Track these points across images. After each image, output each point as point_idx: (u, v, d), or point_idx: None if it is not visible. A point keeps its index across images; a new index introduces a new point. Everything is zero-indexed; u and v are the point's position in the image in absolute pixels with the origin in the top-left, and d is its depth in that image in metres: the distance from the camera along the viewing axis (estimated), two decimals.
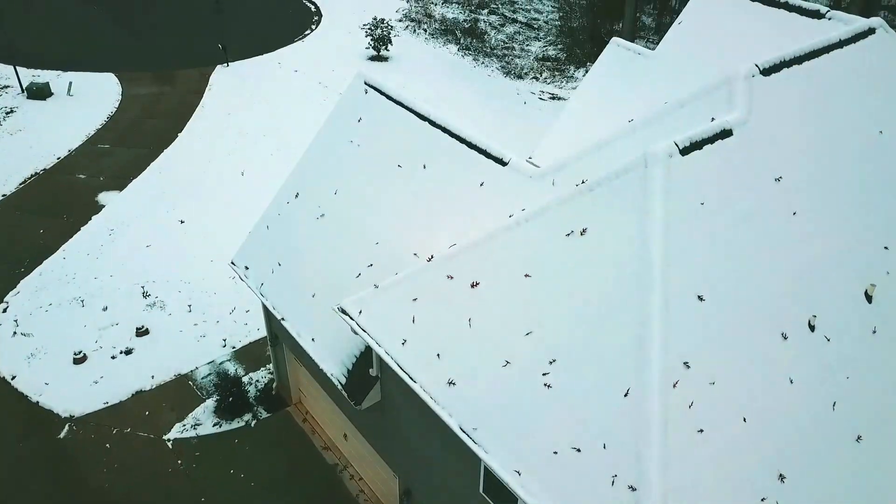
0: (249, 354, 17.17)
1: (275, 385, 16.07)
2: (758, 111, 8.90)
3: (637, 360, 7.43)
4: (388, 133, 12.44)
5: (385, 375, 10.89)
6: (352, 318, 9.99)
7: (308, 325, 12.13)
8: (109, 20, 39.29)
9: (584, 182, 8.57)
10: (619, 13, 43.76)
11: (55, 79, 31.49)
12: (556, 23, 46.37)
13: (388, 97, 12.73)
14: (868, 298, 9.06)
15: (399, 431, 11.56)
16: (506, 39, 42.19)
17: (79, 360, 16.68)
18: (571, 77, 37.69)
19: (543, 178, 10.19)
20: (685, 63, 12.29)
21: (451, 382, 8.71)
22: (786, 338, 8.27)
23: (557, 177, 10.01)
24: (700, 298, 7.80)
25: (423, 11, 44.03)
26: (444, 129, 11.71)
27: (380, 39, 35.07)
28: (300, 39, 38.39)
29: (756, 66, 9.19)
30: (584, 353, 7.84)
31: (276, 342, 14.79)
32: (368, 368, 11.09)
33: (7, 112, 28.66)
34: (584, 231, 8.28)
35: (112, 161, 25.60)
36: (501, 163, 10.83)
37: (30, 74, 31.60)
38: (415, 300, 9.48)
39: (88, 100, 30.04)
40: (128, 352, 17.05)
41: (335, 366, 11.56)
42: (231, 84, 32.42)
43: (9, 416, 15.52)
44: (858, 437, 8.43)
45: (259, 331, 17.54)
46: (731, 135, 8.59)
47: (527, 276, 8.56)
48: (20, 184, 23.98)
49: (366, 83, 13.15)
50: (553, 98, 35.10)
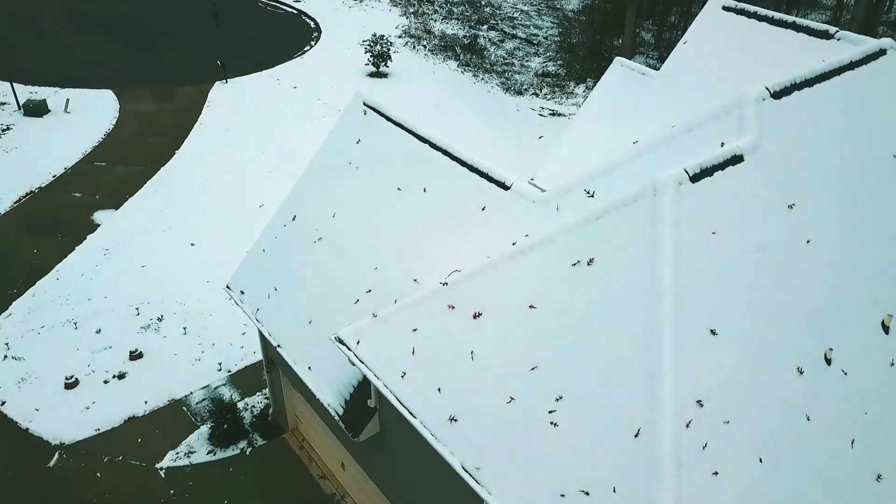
0: (245, 378, 16.79)
1: (271, 411, 15.68)
2: (769, 136, 8.63)
3: (648, 399, 7.09)
4: (388, 155, 12.17)
5: (384, 407, 10.52)
6: (349, 349, 9.65)
7: (304, 353, 11.78)
8: (108, 36, 39.22)
9: (591, 209, 8.27)
10: (619, 29, 43.77)
11: (52, 95, 31.31)
12: (556, 38, 46.39)
13: (388, 118, 12.47)
14: (885, 329, 8.74)
15: (398, 464, 11.18)
16: (505, 55, 42.15)
17: (70, 385, 16.29)
18: (571, 93, 37.58)
19: (547, 203, 9.88)
20: (690, 84, 12.04)
21: (453, 419, 8.35)
22: (801, 372, 7.94)
23: (562, 202, 9.71)
24: (713, 333, 7.47)
25: (423, 27, 44.03)
26: (445, 152, 11.43)
27: (379, 56, 34.97)
28: (299, 56, 38.30)
29: (766, 89, 8.93)
30: (593, 391, 7.50)
31: (273, 368, 14.42)
32: (367, 399, 10.73)
33: (3, 129, 28.44)
34: (591, 261, 7.96)
35: (108, 179, 25.33)
36: (504, 187, 10.54)
37: (27, 91, 31.42)
38: (415, 331, 9.14)
39: (86, 116, 29.83)
40: (121, 376, 16.66)
41: (332, 396, 11.19)
42: (230, 101, 32.25)
43: None
44: (879, 476, 8.07)
45: (255, 354, 17.18)
46: (742, 160, 8.31)
47: (531, 308, 8.23)
48: (14, 202, 23.69)
49: (365, 104, 12.90)
50: (553, 114, 34.96)
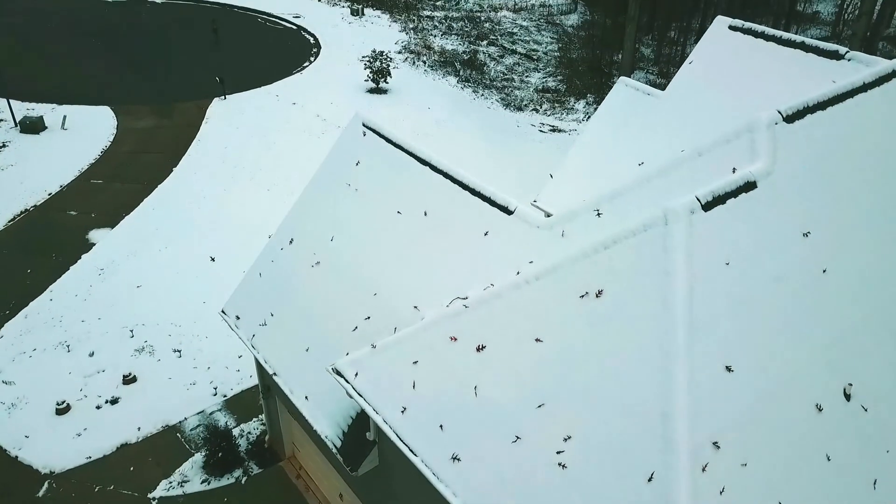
0: (241, 403, 16.40)
1: (267, 438, 15.27)
2: (782, 161, 8.32)
3: (662, 440, 6.73)
4: (387, 177, 11.88)
5: (383, 441, 10.14)
6: (347, 381, 9.29)
7: (301, 382, 11.42)
8: (107, 53, 39.13)
9: (599, 238, 7.95)
10: (618, 44, 43.77)
11: (50, 112, 31.12)
12: (556, 54, 46.38)
13: (387, 140, 12.21)
14: None
15: (398, 499, 10.77)
16: (505, 71, 42.08)
17: (62, 411, 15.88)
18: (571, 109, 37.45)
19: (552, 229, 9.56)
20: (697, 105, 11.77)
21: (456, 458, 7.98)
22: (821, 410, 7.58)
23: (567, 228, 9.38)
24: (728, 369, 7.12)
25: (423, 43, 44.00)
26: (446, 175, 11.14)
27: (379, 72, 34.84)
28: (298, 72, 38.19)
29: (779, 113, 8.64)
30: (603, 430, 7.13)
31: (269, 394, 14.04)
32: (365, 431, 10.36)
33: None
34: (600, 293, 7.63)
35: (105, 197, 25.04)
36: (507, 211, 10.23)
37: (24, 108, 31.22)
38: (415, 363, 8.79)
39: (83, 133, 29.61)
40: (114, 401, 16.26)
41: (330, 427, 10.82)
42: (228, 117, 32.06)
43: None
44: None
45: (252, 378, 16.79)
46: (756, 187, 8.00)
47: (538, 341, 7.89)
48: (9, 221, 23.37)
49: (364, 125, 12.63)
50: (553, 130, 34.79)
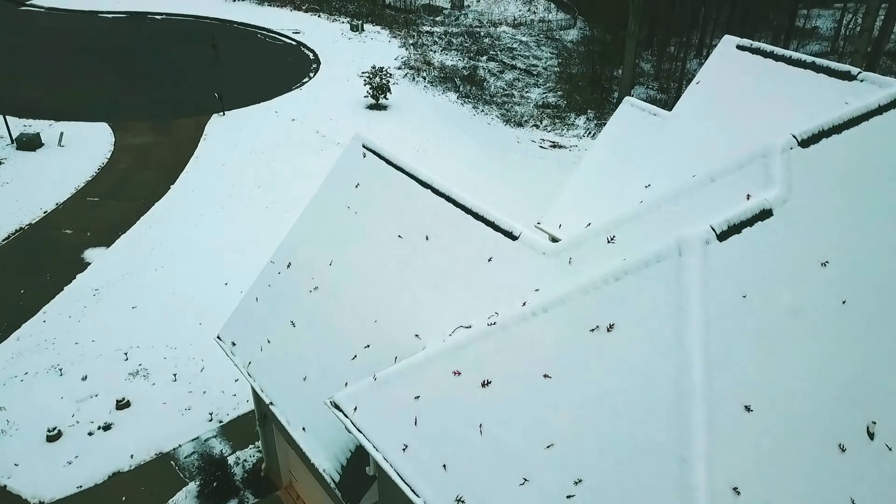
0: (237, 430, 15.97)
1: (263, 466, 14.84)
2: (798, 187, 8.02)
3: (679, 486, 6.36)
4: (388, 200, 11.58)
5: (384, 476, 9.73)
6: (346, 416, 8.92)
7: (298, 412, 11.03)
8: (106, 69, 39.00)
9: (609, 268, 7.62)
10: (618, 59, 43.72)
11: (47, 129, 30.88)
12: (556, 69, 46.33)
13: (388, 161, 11.93)
14: None
15: None
16: (505, 86, 41.98)
17: (53, 438, 15.45)
18: (572, 124, 37.30)
19: (558, 256, 9.23)
20: (705, 126, 11.49)
21: (461, 500, 7.59)
22: (843, 450, 7.22)
23: (574, 255, 9.06)
24: (747, 409, 6.77)
25: (423, 59, 43.92)
26: (448, 198, 10.82)
27: (379, 88, 34.68)
28: (298, 88, 38.03)
29: (793, 137, 8.36)
30: (616, 474, 6.76)
31: (265, 422, 13.64)
32: (365, 465, 9.95)
33: None
34: (612, 327, 7.29)
35: (100, 215, 24.72)
36: (511, 236, 9.90)
37: (21, 124, 30.97)
38: (417, 398, 8.43)
39: (80, 150, 29.36)
40: (106, 427, 15.84)
41: (328, 460, 10.43)
42: (226, 134, 31.83)
43: None
44: None
45: (248, 403, 16.38)
46: (771, 215, 7.69)
47: (546, 377, 7.53)
48: (3, 240, 23.03)
49: (364, 146, 12.36)
50: (554, 146, 34.59)
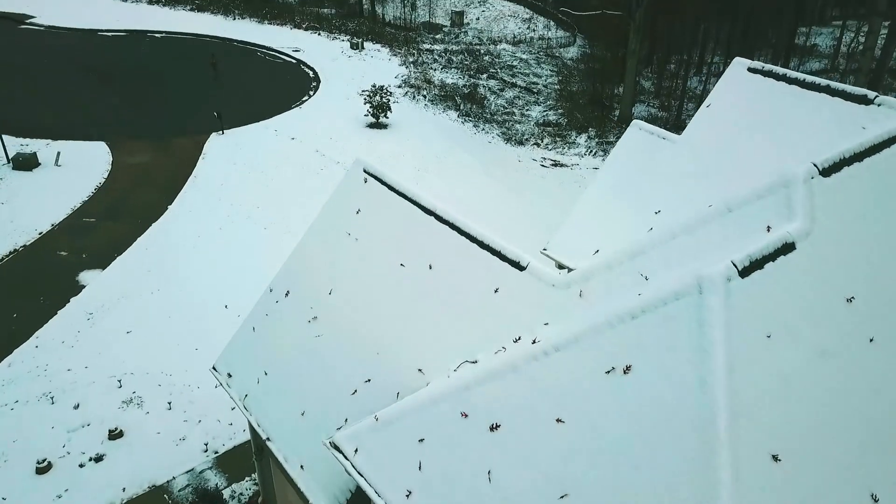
0: (233, 461, 15.47)
1: (260, 500, 14.34)
2: (821, 219, 7.66)
3: None
4: (390, 227, 11.20)
5: None
6: (346, 458, 8.47)
7: (296, 449, 10.57)
8: (104, 87, 38.83)
9: (624, 305, 7.24)
10: (618, 77, 43.66)
11: (44, 148, 30.60)
12: (556, 87, 46.24)
13: (390, 187, 11.55)
14: None
15: None
16: (505, 104, 41.83)
17: (42, 470, 14.94)
18: (573, 143, 37.06)
19: (568, 289, 8.83)
20: (716, 152, 11.15)
21: None
22: (876, 500, 6.79)
23: (585, 288, 8.67)
24: (775, 459, 6.35)
25: (423, 77, 43.81)
26: (452, 226, 10.45)
27: (379, 107, 34.48)
28: (297, 106, 37.85)
29: (814, 166, 8.01)
30: None
31: (262, 455, 13.16)
32: None
33: None
34: (629, 369, 6.88)
35: (96, 236, 24.34)
36: (518, 267, 9.51)
37: (18, 143, 30.70)
38: (421, 441, 7.99)
39: (77, 170, 29.05)
40: (98, 458, 15.33)
41: (326, 500, 9.95)
42: (225, 153, 31.56)
43: None
44: None
45: (245, 432, 15.89)
46: (794, 249, 7.32)
47: (559, 422, 7.11)
48: None
49: (365, 171, 11.99)
50: (555, 165, 34.32)
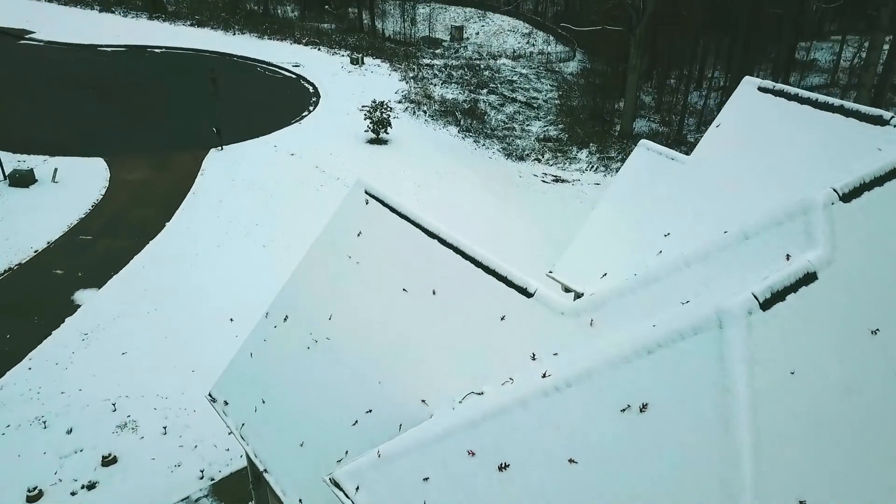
0: (229, 489, 15.04)
1: None
2: (842, 247, 7.35)
3: None
4: (392, 250, 10.89)
5: None
6: (347, 496, 8.10)
7: (295, 482, 10.21)
8: (103, 103, 38.67)
9: (640, 338, 6.91)
10: (618, 92, 43.57)
11: (41, 164, 30.34)
12: (556, 102, 46.16)
13: (392, 209, 11.25)
14: None
15: None
16: (506, 119, 41.70)
17: (33, 498, 14.52)
18: (574, 158, 36.88)
19: (578, 317, 8.51)
20: (727, 174, 10.87)
21: None
22: None
23: (596, 317, 8.35)
24: None
25: (423, 93, 43.70)
26: (457, 250, 10.14)
27: (379, 122, 34.29)
28: (297, 121, 37.67)
29: (834, 192, 7.71)
30: None
31: (259, 484, 12.76)
32: None
33: None
34: (645, 407, 6.54)
35: (93, 254, 24.01)
36: (526, 293, 9.19)
37: (15, 160, 30.45)
38: (426, 480, 7.63)
39: (74, 186, 28.77)
40: (91, 486, 14.91)
41: None
42: (224, 168, 31.31)
43: None
44: None
45: (242, 458, 15.47)
46: (816, 279, 7.00)
47: (572, 462, 6.76)
48: None
49: (366, 192, 11.70)
50: (556, 180, 34.11)
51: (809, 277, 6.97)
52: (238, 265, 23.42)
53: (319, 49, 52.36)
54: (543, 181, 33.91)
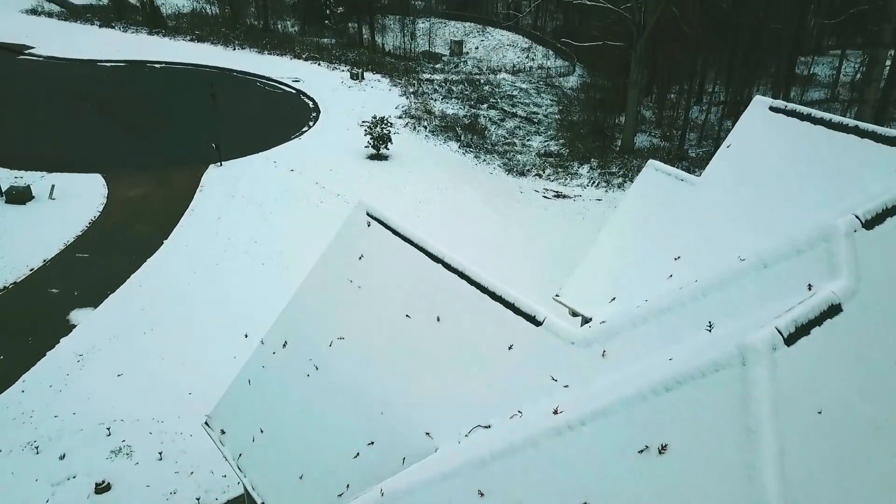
0: None
1: None
2: (867, 276, 7.05)
3: None
4: (395, 275, 10.57)
5: None
6: None
7: None
8: (102, 118, 38.50)
9: (657, 373, 6.58)
10: (619, 106, 43.46)
11: (39, 180, 30.07)
12: (556, 116, 46.04)
13: (395, 232, 10.94)
14: None
15: None
16: (506, 135, 41.55)
17: None
18: (575, 173, 36.65)
19: (590, 348, 8.19)
20: (739, 196, 10.60)
21: None
22: None
23: (609, 347, 8.03)
24: None
25: (423, 108, 43.57)
26: (462, 275, 9.82)
27: (379, 138, 34.09)
28: (297, 137, 37.49)
29: (856, 218, 7.43)
30: None
31: None
32: None
33: None
34: (664, 448, 6.20)
35: (89, 272, 23.67)
36: (534, 322, 8.86)
37: (12, 176, 30.19)
38: None
39: (71, 203, 28.48)
40: None
41: None
42: (223, 185, 31.06)
43: None
44: None
45: (239, 485, 15.05)
46: (841, 311, 6.69)
47: None
48: None
49: (368, 214, 11.40)
50: (558, 196, 33.85)
51: (834, 309, 6.66)
52: (237, 283, 23.09)
53: (319, 64, 52.33)
54: (545, 197, 33.67)
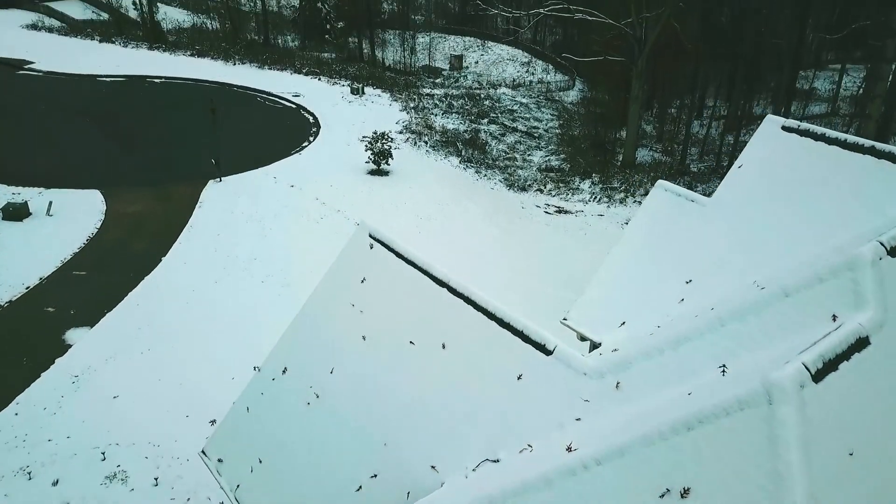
0: None
1: None
2: (894, 307, 6.74)
3: None
4: (398, 299, 10.26)
5: None
6: None
7: None
8: (101, 133, 38.32)
9: (677, 412, 6.25)
10: (619, 121, 43.35)
11: (36, 196, 29.80)
12: (557, 131, 45.94)
13: (398, 254, 10.64)
14: None
15: None
16: (507, 149, 41.40)
17: None
18: (577, 189, 36.44)
19: (603, 379, 7.88)
20: (752, 217, 10.31)
21: None
22: None
23: (623, 378, 7.71)
24: None
25: (424, 123, 43.45)
26: (468, 300, 9.51)
27: (380, 153, 33.89)
28: (297, 152, 37.29)
29: (881, 245, 7.13)
30: None
31: None
32: None
33: None
34: (687, 492, 5.86)
35: (86, 290, 23.32)
36: (544, 351, 8.54)
37: (9, 192, 29.92)
38: None
39: (69, 220, 28.19)
40: None
41: None
42: (223, 201, 30.79)
43: None
44: None
45: None
46: (869, 344, 6.38)
47: None
48: None
49: (371, 236, 11.10)
50: (559, 211, 33.61)
51: (862, 342, 6.34)
52: (236, 302, 22.75)
53: (320, 79, 52.29)
54: (546, 212, 33.43)
